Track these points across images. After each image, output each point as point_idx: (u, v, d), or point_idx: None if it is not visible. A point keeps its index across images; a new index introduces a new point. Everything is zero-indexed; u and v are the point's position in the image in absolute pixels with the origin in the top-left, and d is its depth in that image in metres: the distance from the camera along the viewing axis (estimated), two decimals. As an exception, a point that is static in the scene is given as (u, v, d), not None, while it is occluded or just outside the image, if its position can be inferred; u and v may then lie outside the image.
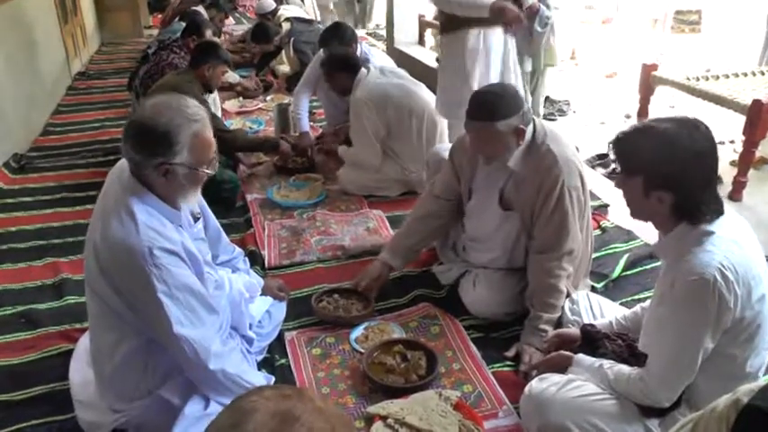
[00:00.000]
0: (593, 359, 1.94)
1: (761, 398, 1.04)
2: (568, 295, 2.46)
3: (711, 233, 1.65)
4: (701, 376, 1.72)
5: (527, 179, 2.40)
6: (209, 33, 4.56)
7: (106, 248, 1.76)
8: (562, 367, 2.01)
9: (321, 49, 4.29)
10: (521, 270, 2.57)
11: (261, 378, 1.98)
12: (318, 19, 8.11)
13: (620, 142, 1.76)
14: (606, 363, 1.89)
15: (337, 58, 3.85)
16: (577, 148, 3.35)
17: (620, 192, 1.82)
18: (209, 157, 1.86)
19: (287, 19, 6.00)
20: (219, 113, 4.80)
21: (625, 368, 1.83)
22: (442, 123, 3.81)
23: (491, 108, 2.30)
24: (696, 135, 1.65)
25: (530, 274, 2.48)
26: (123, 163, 1.90)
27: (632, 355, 1.89)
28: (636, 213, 1.82)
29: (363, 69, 3.77)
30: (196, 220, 2.08)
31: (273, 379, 2.09)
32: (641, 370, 1.78)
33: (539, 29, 4.47)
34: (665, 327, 1.71)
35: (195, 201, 1.97)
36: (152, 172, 1.79)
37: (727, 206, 1.76)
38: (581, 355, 1.98)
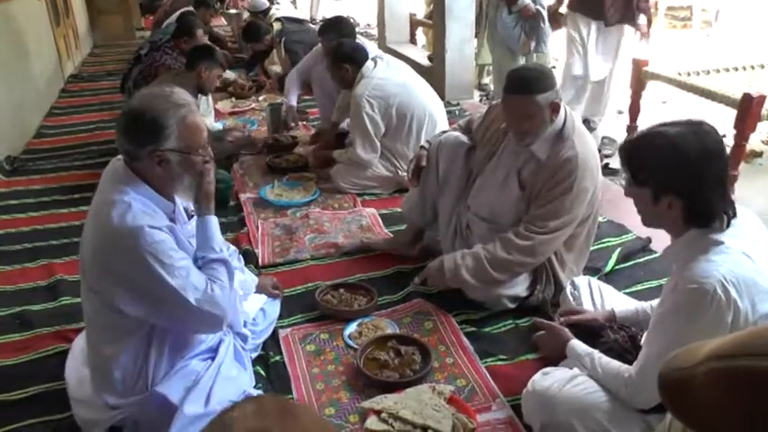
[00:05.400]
0: (586, 348, 1.94)
1: None
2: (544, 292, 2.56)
3: (720, 243, 1.61)
4: None
5: (546, 166, 2.45)
6: (200, 33, 4.57)
7: (106, 239, 1.78)
8: (558, 348, 2.05)
9: (319, 42, 4.29)
10: None
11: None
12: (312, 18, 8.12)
13: (627, 150, 1.74)
14: (597, 354, 1.90)
15: (344, 48, 3.78)
16: (599, 149, 3.40)
17: (631, 200, 1.78)
18: (201, 142, 1.89)
19: (277, 19, 6.00)
20: (212, 114, 4.81)
21: (615, 363, 1.83)
22: (442, 123, 3.81)
23: (530, 82, 2.37)
24: (703, 136, 1.62)
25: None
26: (116, 161, 1.92)
27: (635, 347, 1.89)
28: (647, 221, 1.79)
29: (370, 62, 3.73)
30: (190, 217, 2.10)
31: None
32: (631, 367, 1.77)
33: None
34: (658, 329, 1.70)
35: (193, 192, 1.99)
36: (147, 162, 1.83)
37: (747, 212, 1.72)
38: (575, 341, 2.00)
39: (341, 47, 3.80)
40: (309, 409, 1.86)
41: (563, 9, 5.15)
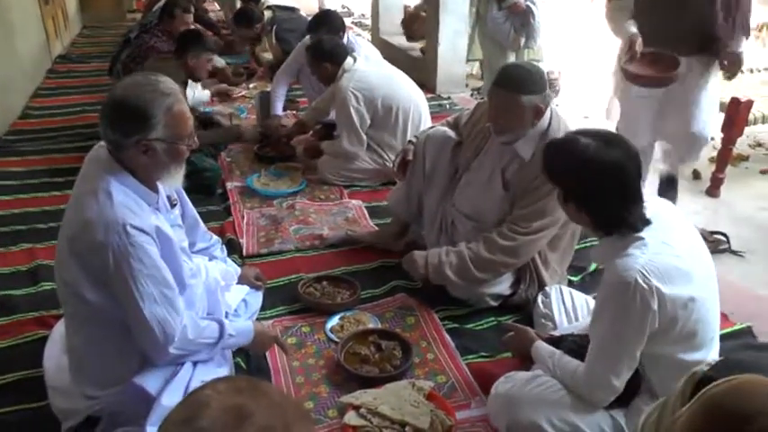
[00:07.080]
0: (550, 349, 1.98)
1: (714, 370, 1.10)
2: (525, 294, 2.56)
3: (639, 239, 1.69)
4: (652, 374, 1.78)
5: (530, 165, 2.44)
6: (179, 12, 4.50)
7: (81, 228, 1.75)
8: (524, 350, 2.07)
9: (308, 36, 4.26)
10: None
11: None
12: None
13: (546, 152, 1.85)
14: (558, 354, 1.94)
15: (324, 46, 3.77)
16: None
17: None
18: (187, 131, 1.87)
19: (269, 7, 5.95)
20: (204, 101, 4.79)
21: (573, 362, 1.87)
22: (427, 117, 3.82)
23: (520, 81, 2.37)
24: (609, 151, 1.70)
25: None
26: (99, 148, 1.90)
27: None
28: (569, 217, 1.93)
29: (350, 58, 3.73)
30: (173, 206, 2.08)
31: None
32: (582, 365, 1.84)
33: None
34: (594, 326, 1.79)
35: (180, 179, 1.97)
36: (133, 151, 1.80)
37: (661, 202, 1.84)
38: (539, 343, 2.03)
39: (320, 44, 3.78)
40: (278, 387, 1.87)
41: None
